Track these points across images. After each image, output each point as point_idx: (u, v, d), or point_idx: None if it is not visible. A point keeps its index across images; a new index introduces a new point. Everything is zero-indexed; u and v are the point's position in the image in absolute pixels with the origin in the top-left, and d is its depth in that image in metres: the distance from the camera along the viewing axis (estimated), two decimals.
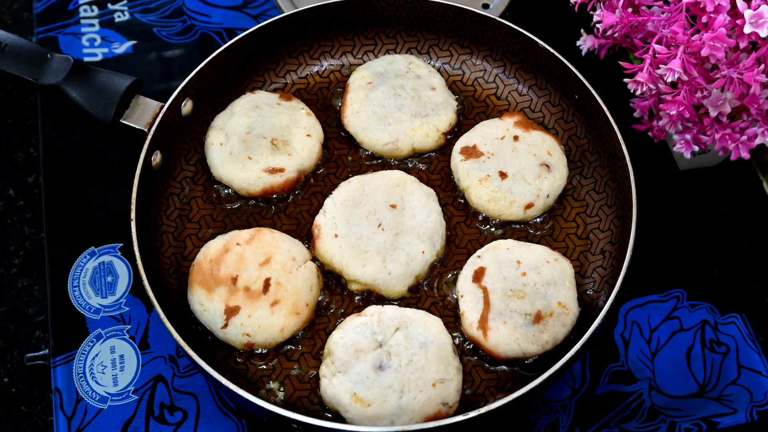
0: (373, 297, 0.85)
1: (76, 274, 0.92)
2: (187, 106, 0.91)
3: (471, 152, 0.91)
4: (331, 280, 0.86)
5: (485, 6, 1.10)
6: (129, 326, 0.89)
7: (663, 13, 0.86)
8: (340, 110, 0.95)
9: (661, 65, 0.81)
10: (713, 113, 0.87)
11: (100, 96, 0.88)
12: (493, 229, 0.90)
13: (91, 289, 0.91)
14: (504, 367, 0.82)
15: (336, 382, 0.77)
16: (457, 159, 0.91)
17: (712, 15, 0.79)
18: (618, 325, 0.91)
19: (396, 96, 0.94)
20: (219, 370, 0.75)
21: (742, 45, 0.80)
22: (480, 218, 0.90)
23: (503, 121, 0.93)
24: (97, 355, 0.87)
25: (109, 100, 0.88)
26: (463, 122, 0.97)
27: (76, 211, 0.96)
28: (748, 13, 0.77)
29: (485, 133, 0.92)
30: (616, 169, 0.89)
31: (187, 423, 0.84)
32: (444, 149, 0.95)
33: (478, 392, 0.81)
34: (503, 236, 0.89)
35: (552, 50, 0.94)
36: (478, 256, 0.85)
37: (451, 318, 0.84)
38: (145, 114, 0.88)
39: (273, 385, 0.81)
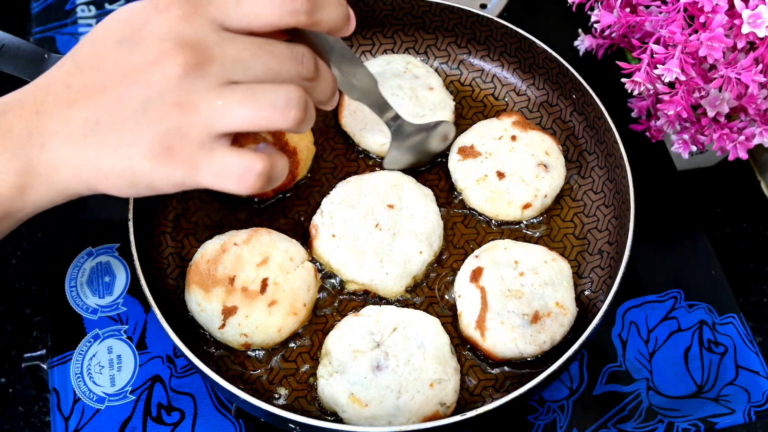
0: (370, 297, 0.85)
1: (74, 274, 0.91)
2: None
3: (468, 152, 0.90)
4: (328, 280, 0.86)
5: (483, 6, 1.10)
6: (126, 326, 0.88)
7: (661, 13, 0.86)
8: (337, 110, 0.95)
9: (658, 65, 0.81)
10: (711, 113, 0.87)
11: None
12: (490, 229, 0.90)
13: (89, 290, 0.91)
14: (502, 368, 0.82)
15: (333, 382, 0.77)
16: (454, 159, 0.91)
17: (709, 15, 0.79)
18: (616, 326, 0.91)
19: (393, 96, 0.93)
20: (216, 370, 0.75)
21: (739, 45, 0.80)
22: (477, 218, 0.90)
23: (501, 121, 0.93)
24: (94, 356, 0.87)
25: None
26: (461, 122, 0.97)
27: (73, 211, 0.96)
28: (746, 13, 0.77)
29: (483, 133, 0.92)
30: (614, 169, 0.89)
31: (185, 423, 0.83)
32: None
33: (475, 392, 0.81)
34: (501, 236, 0.89)
35: (550, 50, 0.94)
36: (476, 256, 0.85)
37: (449, 318, 0.84)
38: None
39: (270, 385, 0.81)
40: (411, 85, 0.95)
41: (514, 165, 0.89)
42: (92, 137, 0.58)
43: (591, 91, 0.91)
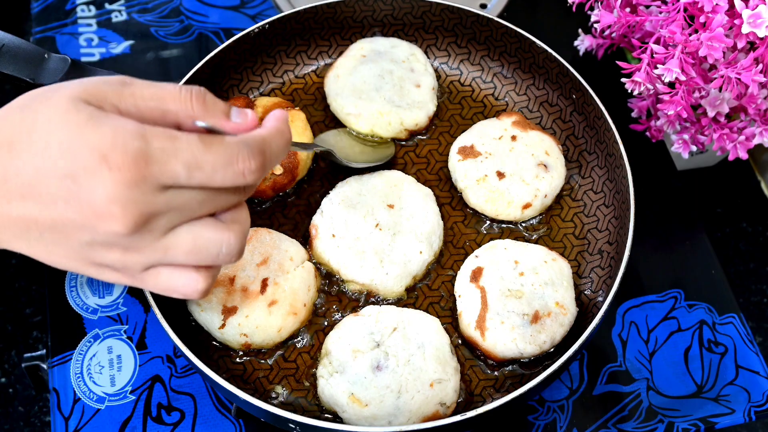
0: (370, 297, 0.85)
1: (74, 274, 0.91)
2: None
3: (468, 152, 0.91)
4: (328, 280, 0.86)
5: (483, 6, 1.10)
6: (126, 326, 0.88)
7: (661, 12, 0.86)
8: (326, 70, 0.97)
9: (658, 65, 0.81)
10: (711, 113, 0.87)
11: None
12: (490, 229, 0.90)
13: (89, 289, 0.91)
14: (502, 368, 0.82)
15: (333, 382, 0.77)
16: (454, 159, 0.91)
17: (709, 15, 0.79)
18: (616, 326, 0.91)
19: (380, 78, 0.94)
20: (216, 370, 0.75)
21: (740, 45, 0.80)
22: (477, 218, 0.90)
23: (501, 121, 0.93)
24: (94, 356, 0.87)
25: None
26: (461, 122, 0.97)
27: None
28: (746, 13, 0.77)
29: (483, 133, 0.92)
30: (614, 169, 0.89)
31: (185, 423, 0.83)
32: (441, 149, 0.95)
33: (475, 392, 0.81)
34: (501, 236, 0.89)
35: (550, 50, 0.94)
36: (476, 256, 0.85)
37: (449, 318, 0.84)
38: None
39: (270, 385, 0.81)
40: (402, 75, 0.95)
41: (514, 165, 0.89)
42: (36, 240, 0.58)
43: (591, 91, 0.91)
